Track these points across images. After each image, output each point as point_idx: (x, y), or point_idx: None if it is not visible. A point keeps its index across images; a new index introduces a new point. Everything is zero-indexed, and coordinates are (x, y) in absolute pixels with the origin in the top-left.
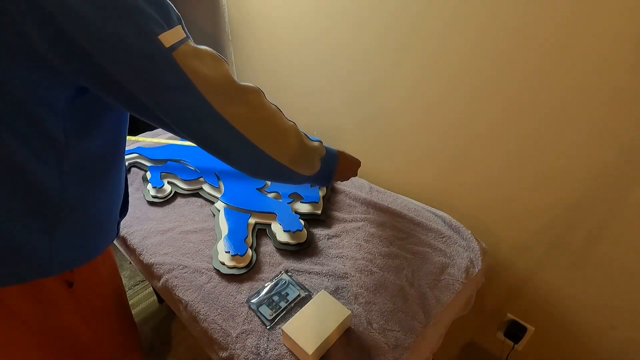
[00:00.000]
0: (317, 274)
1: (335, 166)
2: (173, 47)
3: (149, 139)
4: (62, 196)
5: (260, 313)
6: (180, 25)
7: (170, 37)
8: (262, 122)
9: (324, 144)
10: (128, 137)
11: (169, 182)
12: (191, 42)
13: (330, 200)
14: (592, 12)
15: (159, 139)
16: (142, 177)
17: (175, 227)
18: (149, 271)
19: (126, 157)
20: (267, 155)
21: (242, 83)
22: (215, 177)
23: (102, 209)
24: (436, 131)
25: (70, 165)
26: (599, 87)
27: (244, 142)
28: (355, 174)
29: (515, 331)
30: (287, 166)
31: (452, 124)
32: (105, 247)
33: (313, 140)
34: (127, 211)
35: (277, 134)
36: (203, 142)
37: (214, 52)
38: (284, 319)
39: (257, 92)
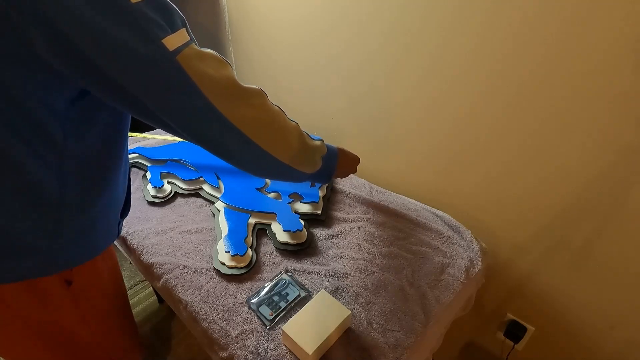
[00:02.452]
0: (317, 274)
1: (335, 164)
2: (177, 51)
3: (149, 136)
4: (62, 196)
5: (260, 313)
6: (184, 29)
7: (174, 40)
8: (265, 124)
9: (325, 142)
10: (129, 134)
11: (169, 182)
12: (195, 45)
13: (330, 200)
14: (594, 14)
15: (159, 135)
16: (142, 177)
17: (175, 227)
18: (149, 271)
19: None
20: (270, 155)
21: (245, 85)
22: (215, 177)
23: (102, 209)
24: (437, 132)
25: (69, 165)
26: (599, 89)
27: (248, 144)
28: (354, 171)
29: (515, 331)
30: (289, 165)
31: (453, 124)
32: (105, 247)
33: (314, 139)
34: (129, 211)
35: (280, 134)
36: (206, 143)
37: (218, 55)
38: (284, 319)
39: (260, 95)
